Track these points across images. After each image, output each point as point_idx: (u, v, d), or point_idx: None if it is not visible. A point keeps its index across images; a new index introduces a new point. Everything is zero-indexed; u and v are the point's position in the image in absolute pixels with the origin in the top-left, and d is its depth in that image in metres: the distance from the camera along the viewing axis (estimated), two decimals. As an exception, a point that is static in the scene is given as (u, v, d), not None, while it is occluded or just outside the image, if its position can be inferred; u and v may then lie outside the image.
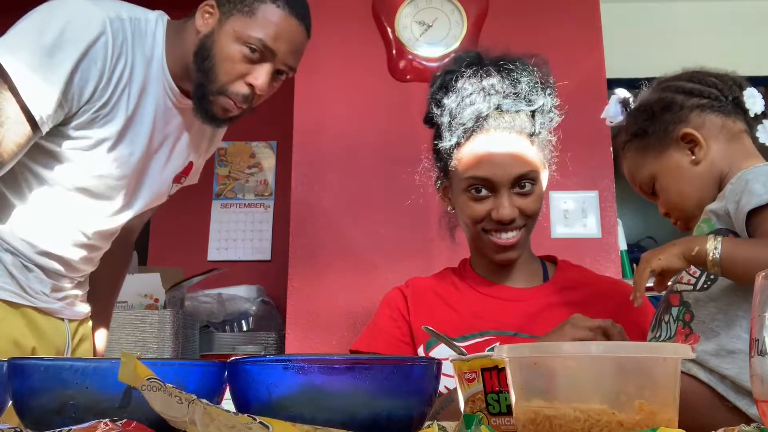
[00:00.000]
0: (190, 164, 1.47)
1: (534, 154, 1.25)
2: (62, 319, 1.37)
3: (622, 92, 1.17)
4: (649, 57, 2.86)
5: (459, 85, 1.26)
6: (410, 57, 2.31)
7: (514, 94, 1.24)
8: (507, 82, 1.25)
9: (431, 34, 2.33)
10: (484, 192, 1.23)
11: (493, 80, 1.25)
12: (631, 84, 1.19)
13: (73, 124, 1.22)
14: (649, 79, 1.18)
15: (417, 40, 2.32)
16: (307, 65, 2.34)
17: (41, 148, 1.24)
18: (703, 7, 3.03)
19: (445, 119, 1.27)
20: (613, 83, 2.41)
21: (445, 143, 1.27)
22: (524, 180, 1.23)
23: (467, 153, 1.25)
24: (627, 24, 3.01)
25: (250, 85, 1.26)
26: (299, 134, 2.30)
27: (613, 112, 1.17)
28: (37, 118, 1.15)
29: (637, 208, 4.60)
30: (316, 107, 2.31)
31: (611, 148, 2.26)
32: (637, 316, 1.23)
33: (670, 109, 1.09)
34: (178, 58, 1.30)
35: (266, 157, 2.99)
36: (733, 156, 1.05)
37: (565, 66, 2.29)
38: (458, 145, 1.26)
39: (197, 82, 1.27)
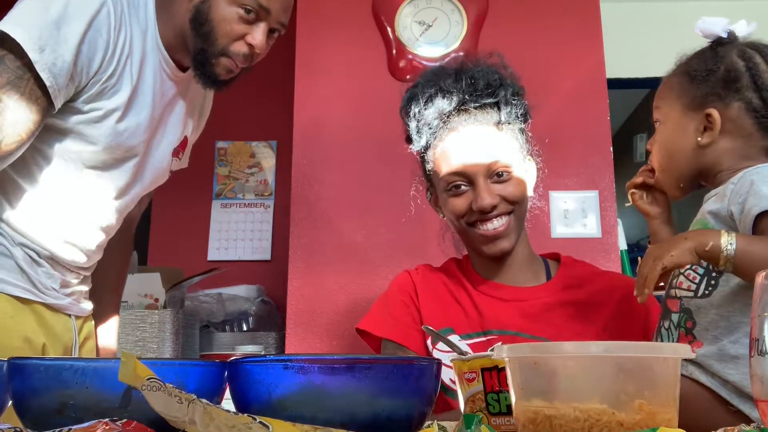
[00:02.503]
0: (186, 139, 1.49)
1: (504, 141, 1.27)
2: (69, 316, 1.37)
3: (743, 28, 1.07)
4: (649, 57, 2.85)
5: (421, 91, 1.31)
6: (410, 57, 2.31)
7: (474, 90, 1.27)
8: (465, 81, 1.28)
9: (431, 34, 2.33)
10: (462, 187, 1.25)
11: (450, 80, 1.29)
12: (631, 84, 1.18)
13: (84, 97, 1.23)
14: (649, 80, 1.16)
15: (417, 40, 2.32)
16: (307, 65, 2.34)
17: (53, 128, 1.24)
18: (704, 7, 3.03)
19: (413, 126, 1.32)
20: (613, 83, 2.41)
21: (420, 148, 1.32)
22: (498, 167, 1.24)
23: (439, 153, 1.28)
24: (627, 24, 3.01)
25: (249, 45, 1.30)
26: (299, 134, 2.30)
27: (710, 30, 1.06)
28: (51, 92, 1.16)
29: (637, 208, 4.59)
30: (316, 107, 2.31)
31: (611, 148, 2.26)
32: (641, 310, 1.23)
33: (727, 82, 1.03)
34: (171, 28, 1.32)
35: (266, 157, 2.99)
36: (734, 162, 1.02)
37: (565, 66, 2.30)
38: (429, 147, 1.30)
39: (197, 47, 1.30)
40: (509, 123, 1.28)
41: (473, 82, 1.28)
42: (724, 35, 1.05)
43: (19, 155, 1.18)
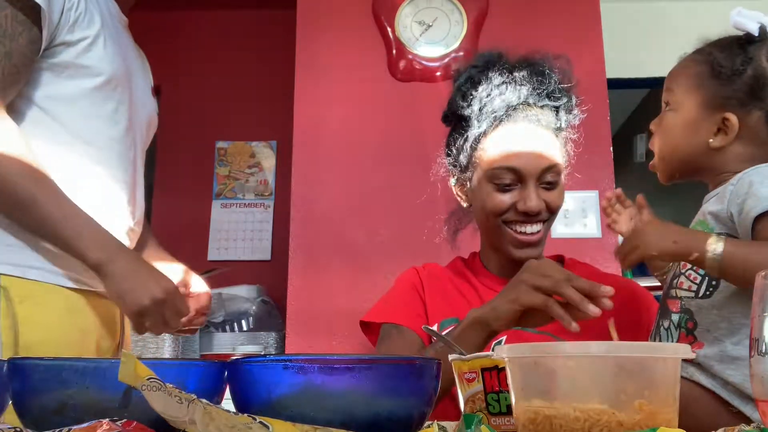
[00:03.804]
0: (152, 85, 1.51)
1: (558, 148, 1.27)
2: None
3: None
4: (649, 57, 2.85)
5: (489, 75, 1.27)
6: (410, 57, 2.31)
7: (542, 89, 1.26)
8: (536, 76, 1.26)
9: (431, 34, 2.33)
10: (510, 183, 1.23)
11: (524, 73, 1.26)
12: (631, 84, 1.18)
13: (66, 28, 1.24)
14: (649, 80, 1.15)
15: (417, 40, 2.32)
16: (307, 65, 2.34)
17: (59, 66, 1.25)
18: (704, 7, 3.03)
19: (475, 108, 1.27)
20: (613, 83, 2.41)
21: (473, 132, 1.27)
22: (550, 173, 1.24)
23: (494, 143, 1.25)
24: (627, 24, 3.01)
25: None
26: (299, 134, 2.30)
27: (744, 25, 1.01)
28: (45, 8, 1.16)
29: (637, 208, 4.59)
30: (316, 107, 2.31)
31: (611, 148, 2.26)
32: (644, 313, 1.24)
33: (753, 88, 0.99)
34: None
35: (266, 157, 2.99)
36: (740, 166, 0.99)
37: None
38: (484, 134, 1.26)
39: None
40: (563, 130, 1.29)
41: (546, 80, 1.26)
42: (756, 33, 1.01)
43: (16, 90, 1.18)
